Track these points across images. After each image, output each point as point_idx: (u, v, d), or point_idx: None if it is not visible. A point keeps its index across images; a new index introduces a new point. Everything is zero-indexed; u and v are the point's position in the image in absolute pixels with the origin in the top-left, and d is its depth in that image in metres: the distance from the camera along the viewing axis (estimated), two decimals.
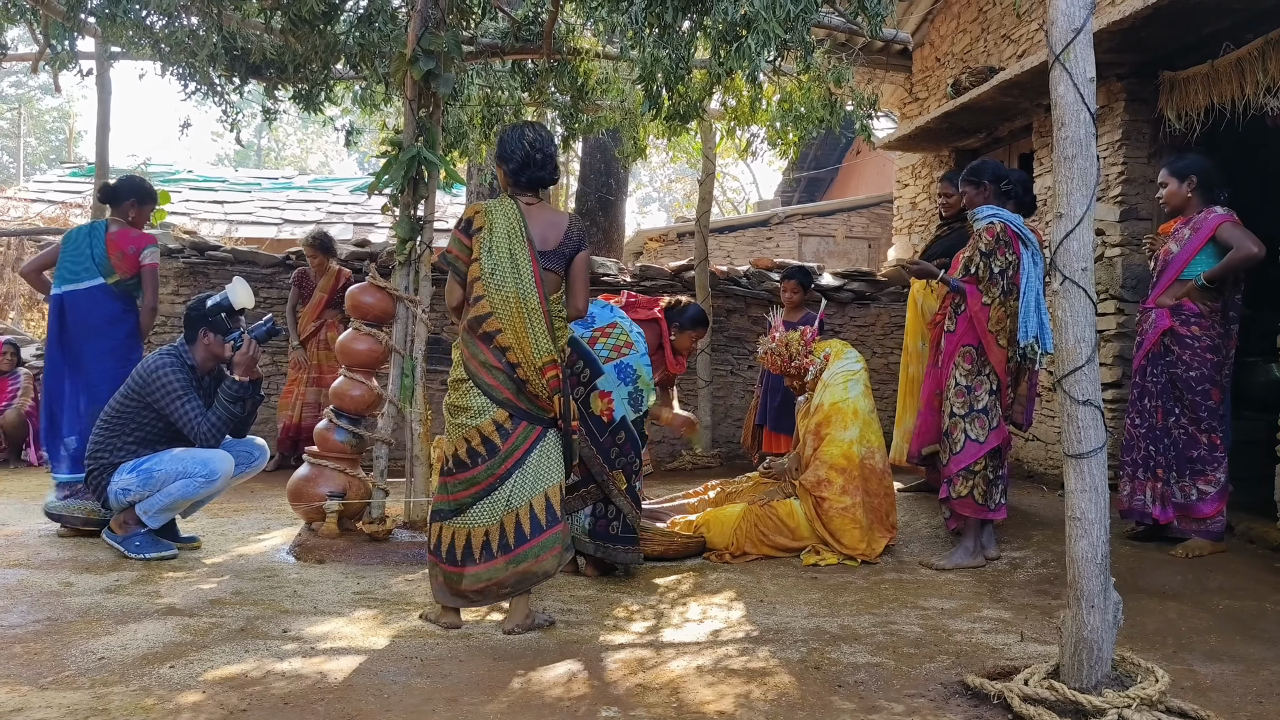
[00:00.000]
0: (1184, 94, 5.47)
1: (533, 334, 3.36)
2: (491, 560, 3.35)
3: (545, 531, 3.37)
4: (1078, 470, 2.69)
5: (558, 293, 3.50)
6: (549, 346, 3.37)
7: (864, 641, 3.32)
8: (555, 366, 3.38)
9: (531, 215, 3.47)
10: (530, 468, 3.39)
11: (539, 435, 3.42)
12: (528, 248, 3.39)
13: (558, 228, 3.49)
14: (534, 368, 3.36)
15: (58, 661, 2.91)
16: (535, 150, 3.48)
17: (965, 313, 4.53)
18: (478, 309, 3.40)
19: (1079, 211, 2.68)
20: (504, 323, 3.36)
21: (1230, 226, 4.45)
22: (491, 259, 3.38)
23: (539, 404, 3.41)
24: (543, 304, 3.37)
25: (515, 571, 3.35)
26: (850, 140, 15.31)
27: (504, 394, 3.37)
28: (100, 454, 4.32)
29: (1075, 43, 2.65)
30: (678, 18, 4.58)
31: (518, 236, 3.40)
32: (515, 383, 3.38)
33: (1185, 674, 3.02)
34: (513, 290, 3.36)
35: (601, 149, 11.20)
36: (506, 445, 3.37)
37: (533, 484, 3.38)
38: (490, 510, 3.36)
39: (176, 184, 14.07)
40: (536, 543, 3.36)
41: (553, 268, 3.46)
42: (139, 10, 5.25)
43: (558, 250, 3.46)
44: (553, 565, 3.40)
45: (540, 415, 3.42)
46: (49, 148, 30.48)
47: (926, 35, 8.77)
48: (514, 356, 3.36)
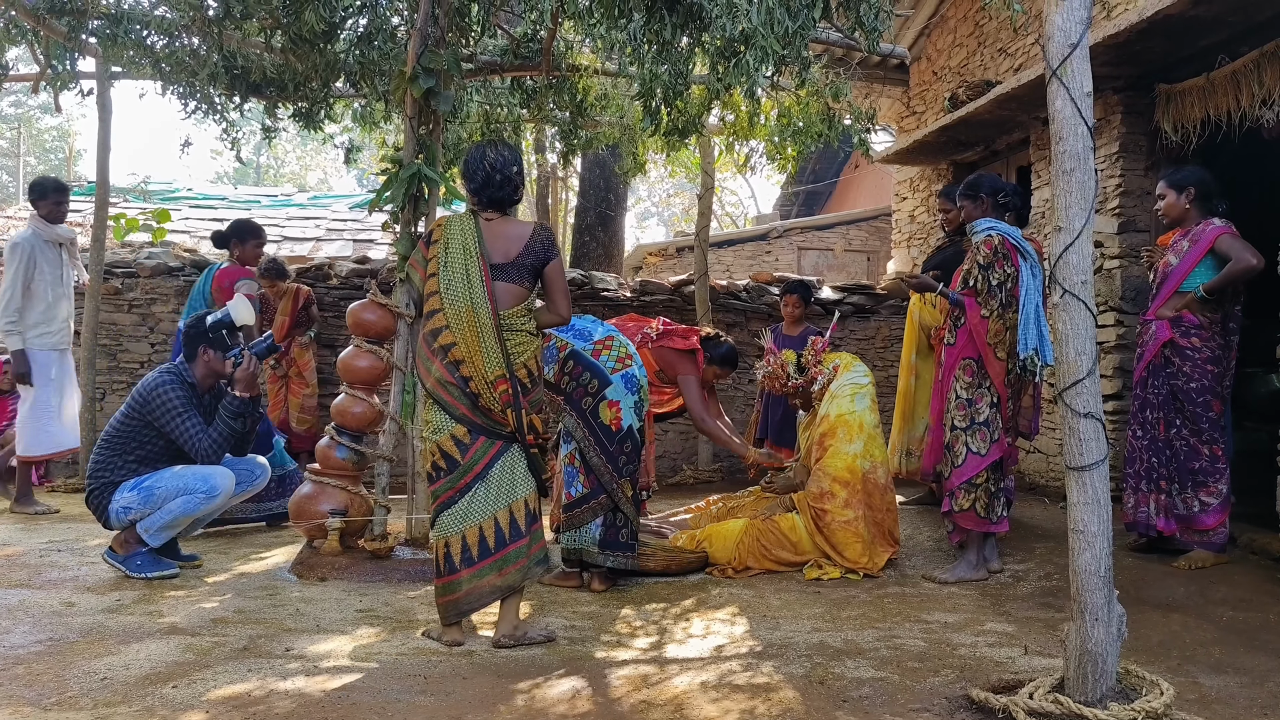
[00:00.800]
0: (1180, 107, 5.50)
1: (484, 347, 3.39)
2: (455, 573, 3.38)
3: (509, 545, 3.40)
4: (1080, 483, 2.69)
5: (519, 305, 3.47)
6: (499, 360, 3.39)
7: (868, 656, 3.32)
8: (505, 381, 3.39)
9: (490, 230, 3.49)
10: (493, 481, 3.42)
11: (499, 450, 3.43)
12: (480, 262, 3.42)
13: (519, 240, 3.48)
14: (485, 381, 3.39)
15: (60, 682, 2.90)
16: (495, 171, 3.49)
17: (965, 326, 4.53)
18: (434, 322, 3.45)
19: (1078, 224, 2.69)
20: (457, 336, 3.40)
21: (1228, 238, 4.46)
22: (446, 273, 3.43)
23: (494, 418, 3.42)
24: (494, 318, 3.39)
25: (479, 585, 3.38)
26: (848, 154, 15.36)
27: (460, 409, 3.40)
28: (101, 473, 4.32)
29: (1072, 57, 2.67)
30: (676, 34, 4.60)
31: (471, 252, 3.43)
32: (469, 397, 3.40)
33: (1190, 686, 3.02)
34: (465, 304, 3.39)
35: (600, 165, 11.24)
36: (466, 459, 3.41)
37: (495, 498, 3.41)
38: (453, 522, 3.39)
39: (176, 202, 14.08)
40: (500, 556, 3.39)
41: (513, 281, 3.46)
42: (140, 31, 5.28)
43: (517, 262, 3.46)
44: (517, 579, 3.41)
45: (498, 430, 3.44)
46: (48, 166, 30.54)
47: (923, 50, 8.82)
48: (467, 370, 3.39)
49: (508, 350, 3.41)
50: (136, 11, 5.28)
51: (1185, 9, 4.81)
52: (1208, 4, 4.76)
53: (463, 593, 3.39)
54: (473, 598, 3.41)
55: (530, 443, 3.48)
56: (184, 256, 7.88)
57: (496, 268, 3.44)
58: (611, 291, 8.30)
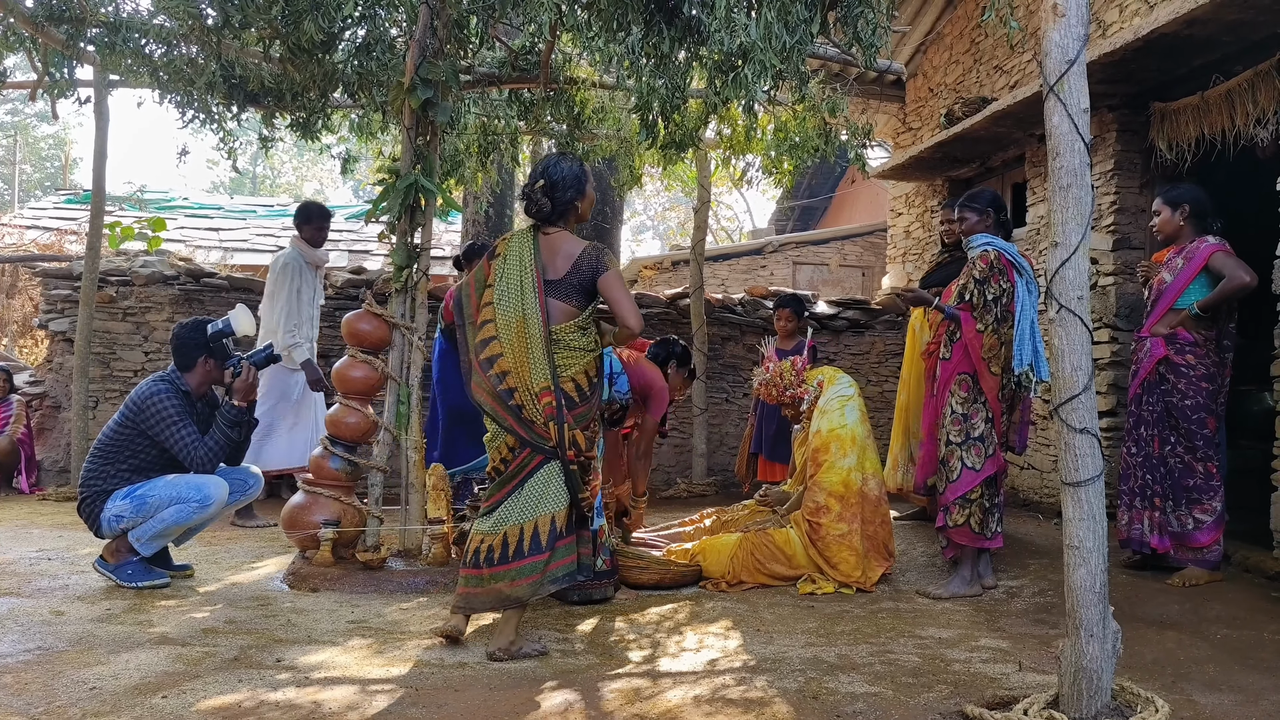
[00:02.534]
0: (1175, 125, 5.53)
1: (532, 359, 3.41)
2: (477, 569, 3.45)
3: (526, 558, 3.41)
4: (1075, 499, 2.69)
5: (570, 322, 3.48)
6: (545, 373, 3.40)
7: (862, 671, 3.30)
8: (550, 394, 3.40)
9: (547, 244, 3.52)
10: (526, 493, 3.44)
11: (539, 463, 3.45)
12: (535, 275, 3.46)
13: (569, 258, 3.49)
14: (531, 393, 3.41)
15: (49, 692, 2.88)
16: (528, 185, 3.56)
17: (960, 340, 4.54)
18: (483, 332, 3.50)
19: (1074, 240, 2.69)
20: (505, 346, 3.44)
21: (1222, 256, 4.48)
22: (501, 284, 3.48)
23: (536, 431, 3.43)
24: (544, 330, 3.41)
25: (490, 588, 3.43)
26: (844, 169, 15.42)
27: (507, 421, 3.45)
28: (94, 481, 4.30)
29: (1069, 74, 2.69)
30: (674, 48, 4.62)
31: (527, 264, 3.48)
32: (513, 410, 3.43)
33: (1184, 704, 3.01)
34: (517, 315, 3.43)
35: (597, 177, 11.23)
36: (510, 469, 3.49)
37: (524, 510, 3.43)
38: (488, 524, 3.48)
39: (172, 211, 14.08)
40: (515, 566, 3.41)
41: (562, 298, 3.48)
42: (138, 39, 5.27)
43: (566, 280, 3.48)
44: (526, 593, 3.42)
45: (540, 443, 3.44)
46: (44, 174, 30.51)
47: (920, 66, 8.86)
48: (512, 381, 3.42)
49: (555, 363, 3.43)
50: (135, 20, 5.27)
51: (1179, 29, 4.84)
52: (1201, 24, 4.79)
53: (475, 590, 3.45)
54: (480, 599, 3.47)
55: (570, 458, 3.46)
56: (179, 265, 7.86)
57: (549, 283, 3.48)
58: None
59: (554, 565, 3.44)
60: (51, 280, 7.73)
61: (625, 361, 4.81)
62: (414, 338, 4.78)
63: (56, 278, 7.72)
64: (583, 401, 3.49)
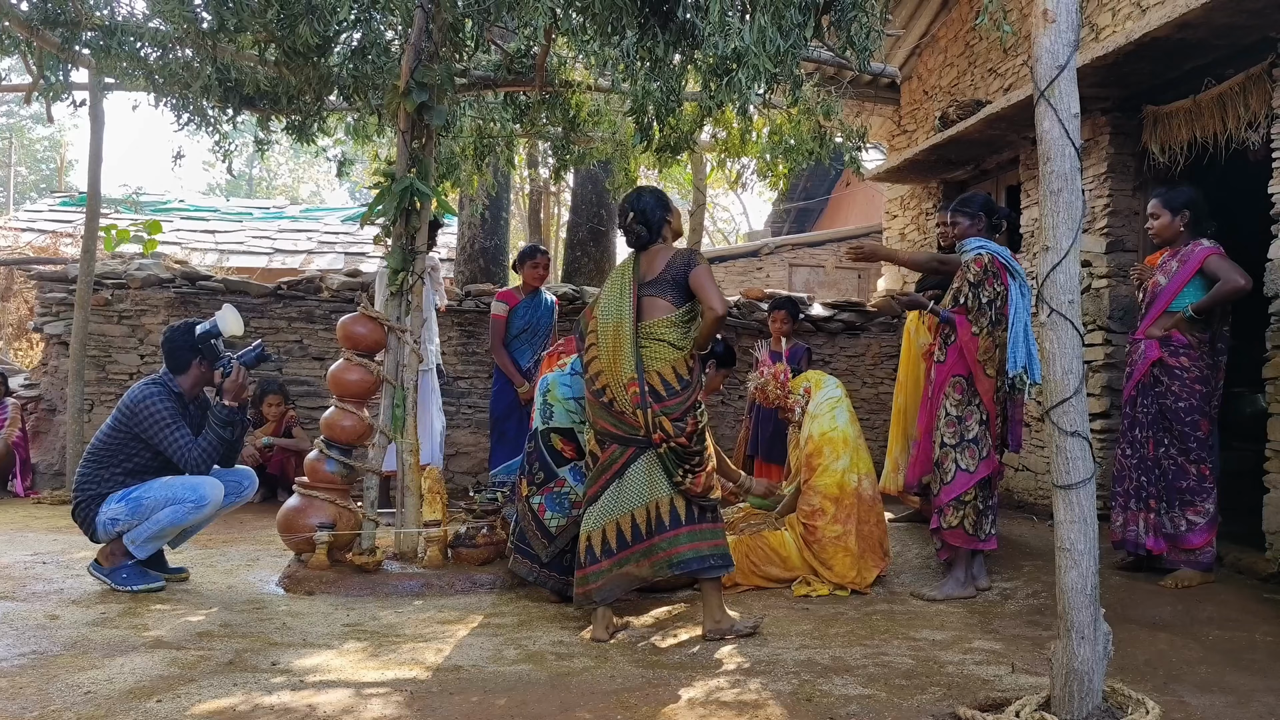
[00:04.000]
0: (1167, 128, 5.55)
1: (621, 354, 3.79)
2: (594, 564, 3.80)
3: (644, 540, 3.77)
4: (1067, 501, 2.70)
5: (663, 318, 3.82)
6: (632, 364, 3.76)
7: (855, 673, 3.31)
8: (636, 384, 3.74)
9: (645, 258, 3.97)
10: (628, 483, 3.80)
11: (632, 455, 3.80)
12: (632, 283, 3.89)
13: (663, 260, 3.92)
14: (620, 384, 3.78)
15: (43, 696, 2.88)
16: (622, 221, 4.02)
17: (955, 343, 4.56)
18: (589, 351, 3.94)
19: (1065, 244, 2.71)
20: (600, 349, 3.85)
21: (1217, 259, 4.50)
22: (604, 296, 3.94)
23: (626, 420, 3.77)
24: (634, 327, 3.80)
25: (617, 574, 3.78)
26: (839, 172, 15.43)
27: (598, 423, 3.89)
28: (88, 485, 4.29)
29: (1059, 79, 2.70)
30: (668, 51, 4.63)
31: (627, 276, 3.92)
32: (604, 405, 3.83)
33: (1176, 705, 3.02)
34: (615, 318, 3.84)
35: (593, 180, 11.25)
36: (601, 462, 3.87)
37: (630, 499, 3.79)
38: (593, 519, 3.82)
39: (168, 213, 14.07)
40: (636, 550, 3.77)
41: (657, 294, 3.86)
42: (134, 43, 5.27)
43: (660, 278, 3.87)
44: (649, 572, 3.80)
45: (631, 435, 3.78)
46: (39, 177, 30.48)
47: (914, 69, 8.88)
48: (604, 380, 3.82)
49: (641, 356, 3.78)
50: (130, 23, 5.27)
51: (1171, 33, 4.86)
52: (1193, 28, 4.81)
53: (599, 583, 3.79)
54: (607, 588, 3.79)
55: (657, 440, 3.74)
56: (174, 268, 7.87)
57: (644, 284, 3.89)
58: None
59: (678, 549, 3.76)
60: (47, 283, 7.73)
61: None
62: (409, 340, 4.78)
63: (52, 281, 7.72)
64: (670, 396, 3.78)
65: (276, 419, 7.25)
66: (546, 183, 14.66)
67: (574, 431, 4.39)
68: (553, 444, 4.40)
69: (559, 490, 4.35)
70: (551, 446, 4.40)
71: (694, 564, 3.77)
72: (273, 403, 7.23)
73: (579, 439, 4.37)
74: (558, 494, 4.35)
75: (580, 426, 4.37)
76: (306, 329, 7.85)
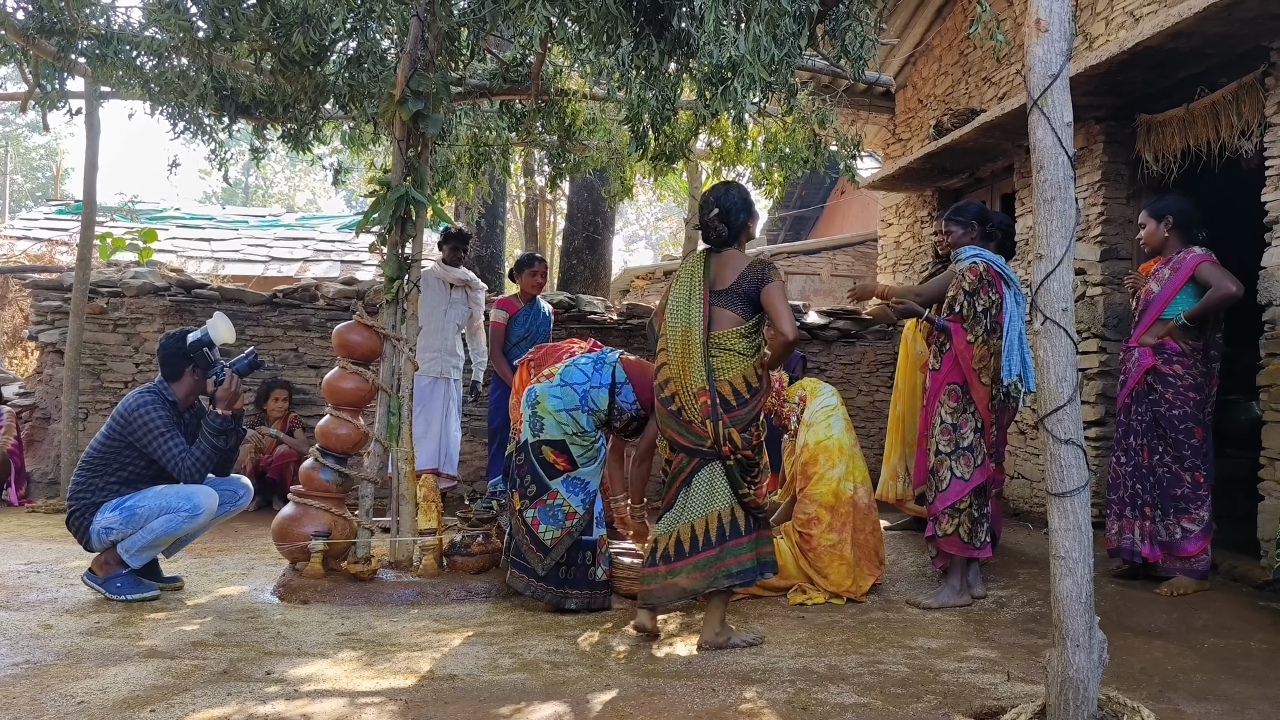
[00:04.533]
0: (1161, 136, 5.57)
1: (691, 363, 3.72)
2: (654, 566, 3.81)
3: (700, 553, 3.74)
4: (1061, 509, 2.70)
5: (733, 329, 3.75)
6: (702, 374, 3.70)
7: (851, 681, 3.31)
8: (706, 394, 3.70)
9: (718, 262, 3.87)
10: (694, 493, 3.77)
11: (698, 465, 3.76)
12: (703, 287, 3.80)
13: (735, 270, 3.81)
14: (689, 394, 3.73)
15: (36, 706, 2.87)
16: (703, 215, 3.90)
17: (950, 351, 4.56)
18: (659, 344, 3.89)
19: (1058, 252, 2.71)
20: (670, 355, 3.79)
21: (1209, 266, 4.51)
22: (673, 299, 3.86)
23: (694, 430, 3.73)
24: (704, 336, 3.73)
25: (669, 583, 3.77)
26: (835, 180, 15.46)
27: (666, 431, 3.85)
28: (82, 494, 4.28)
29: (1053, 88, 2.71)
30: (664, 60, 4.64)
31: (697, 279, 3.83)
32: (673, 414, 3.78)
33: (1171, 713, 3.02)
34: (683, 324, 3.77)
35: (588, 188, 11.28)
36: (671, 470, 3.86)
37: (692, 509, 3.76)
38: (663, 524, 3.83)
39: (163, 222, 14.03)
40: (690, 561, 3.74)
41: (727, 306, 3.77)
42: (129, 51, 5.27)
43: (732, 289, 3.77)
44: (701, 585, 3.74)
45: (697, 445, 3.74)
46: (35, 185, 30.46)
47: (909, 78, 8.91)
48: (672, 388, 3.77)
49: (712, 366, 3.72)
50: (126, 32, 5.27)
51: (1164, 42, 4.89)
52: (1186, 38, 4.84)
53: (654, 586, 3.79)
54: (660, 594, 3.80)
55: (726, 453, 3.71)
56: (170, 276, 7.85)
57: (716, 293, 3.80)
58: (598, 314, 8.31)
59: (728, 561, 3.73)
60: (42, 291, 7.72)
61: (630, 366, 4.65)
62: (404, 348, 4.78)
63: (47, 289, 7.70)
64: (740, 405, 3.73)
65: (281, 415, 7.26)
66: (542, 191, 14.67)
67: (566, 443, 4.35)
68: (544, 456, 4.36)
69: (552, 503, 4.33)
70: (543, 459, 4.36)
71: (746, 575, 3.77)
72: (278, 398, 7.28)
73: (571, 450, 4.35)
74: (550, 506, 4.33)
75: (572, 438, 4.36)
76: (302, 337, 7.84)
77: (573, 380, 4.44)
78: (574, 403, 4.38)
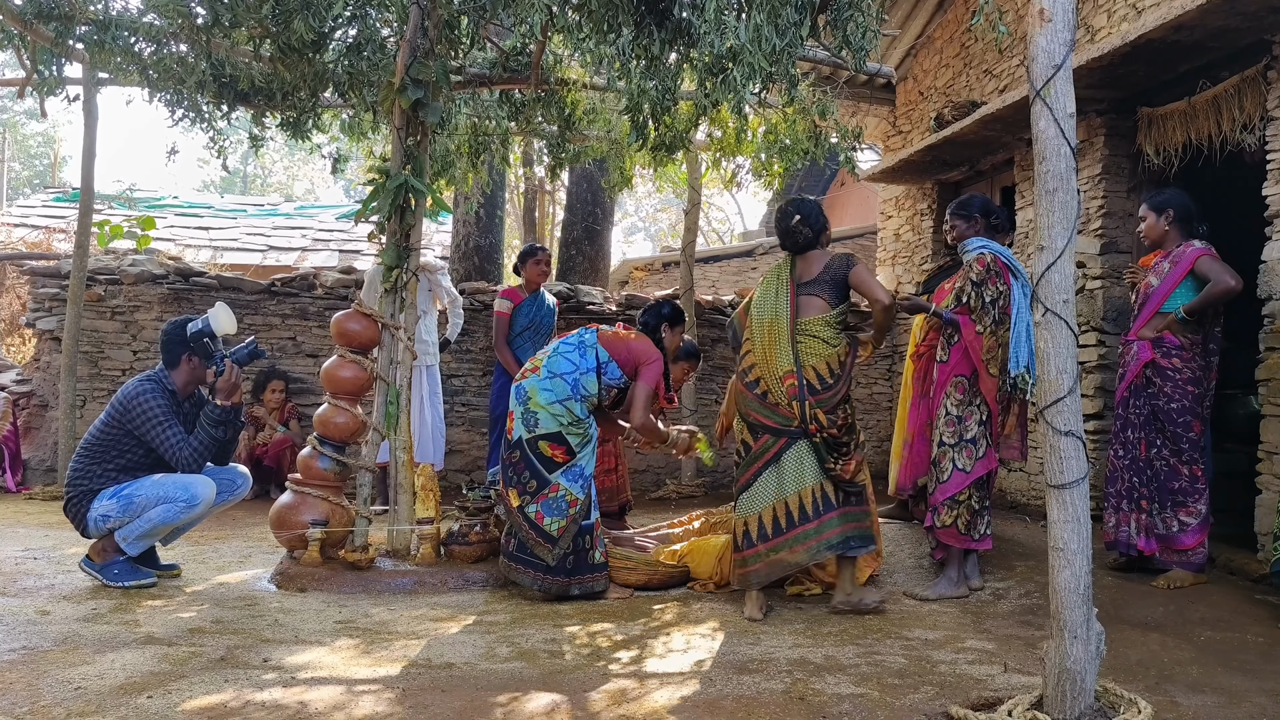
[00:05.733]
0: (1162, 130, 5.56)
1: (778, 349, 4.04)
2: (751, 548, 4.06)
3: (797, 527, 4.01)
4: (1060, 501, 2.70)
5: (819, 316, 4.07)
6: (789, 358, 4.02)
7: (848, 672, 3.32)
8: (792, 376, 4.00)
9: (803, 261, 4.21)
10: (784, 472, 4.03)
11: (784, 445, 4.04)
12: (789, 283, 4.14)
13: (820, 262, 4.17)
14: (775, 377, 4.03)
15: (33, 691, 2.87)
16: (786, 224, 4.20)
17: (959, 343, 4.55)
18: (745, 347, 4.21)
19: (1060, 244, 2.71)
20: (755, 344, 4.12)
21: (1208, 260, 4.51)
22: (759, 296, 4.20)
23: (780, 412, 4.03)
24: (790, 324, 4.05)
25: (771, 560, 4.02)
26: (834, 172, 15.45)
27: (750, 415, 4.12)
28: (80, 481, 4.28)
29: (1055, 79, 2.70)
30: (664, 50, 4.63)
31: (784, 277, 4.17)
32: (758, 398, 4.08)
33: (1168, 705, 3.03)
34: (770, 315, 4.09)
35: (588, 179, 11.26)
36: (753, 451, 4.11)
37: (784, 486, 4.03)
38: (749, 505, 4.08)
39: (161, 210, 14.02)
40: (790, 536, 4.01)
41: (814, 294, 4.10)
42: (128, 37, 5.25)
43: (819, 278, 4.11)
44: (804, 558, 4.04)
45: (784, 426, 4.03)
46: (33, 172, 30.39)
47: (910, 70, 8.89)
48: (757, 372, 4.09)
49: (798, 351, 4.03)
50: (124, 18, 5.25)
51: (1166, 34, 4.87)
52: (1189, 30, 4.82)
53: (757, 566, 4.04)
54: (763, 572, 4.05)
55: (812, 431, 3.99)
56: (168, 264, 7.84)
57: (802, 285, 4.13)
58: (597, 305, 8.31)
59: (827, 534, 4.01)
60: (39, 278, 7.70)
61: (609, 341, 4.52)
62: (403, 337, 4.78)
63: (44, 276, 7.69)
64: (824, 389, 4.03)
65: (279, 405, 7.26)
66: (542, 181, 14.66)
67: (562, 434, 4.35)
68: (541, 451, 4.35)
69: (554, 495, 4.33)
70: (541, 454, 4.35)
71: (839, 546, 4.05)
72: (275, 388, 7.29)
73: (568, 441, 4.35)
74: (554, 499, 4.32)
75: (568, 428, 4.35)
76: (300, 326, 7.84)
77: (561, 370, 4.42)
78: (566, 393, 4.37)
